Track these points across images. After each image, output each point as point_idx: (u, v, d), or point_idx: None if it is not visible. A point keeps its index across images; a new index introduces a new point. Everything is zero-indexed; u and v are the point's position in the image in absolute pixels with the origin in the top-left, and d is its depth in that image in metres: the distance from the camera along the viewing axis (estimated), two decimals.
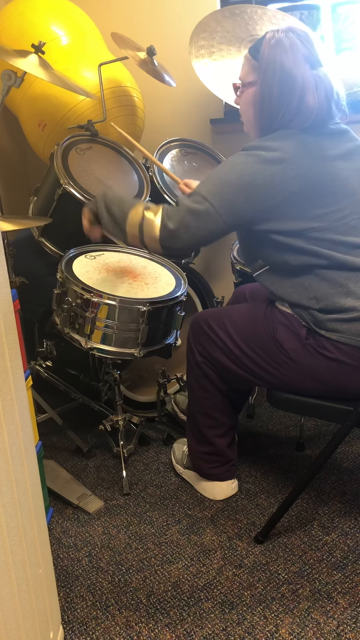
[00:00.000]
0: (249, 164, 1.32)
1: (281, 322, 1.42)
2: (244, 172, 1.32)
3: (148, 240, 1.41)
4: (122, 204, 1.46)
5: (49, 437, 2.10)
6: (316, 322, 1.37)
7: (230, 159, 1.37)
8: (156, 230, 1.38)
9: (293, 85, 1.32)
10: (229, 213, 1.34)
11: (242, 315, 1.51)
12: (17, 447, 0.96)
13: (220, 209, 1.33)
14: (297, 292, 1.38)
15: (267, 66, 1.35)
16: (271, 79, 1.34)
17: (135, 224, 1.41)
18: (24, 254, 2.04)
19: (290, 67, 1.32)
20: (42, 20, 2.09)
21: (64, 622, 1.30)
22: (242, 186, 1.32)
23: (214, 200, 1.33)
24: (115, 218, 1.45)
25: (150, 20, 2.50)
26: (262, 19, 2.05)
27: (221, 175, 1.35)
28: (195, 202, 1.35)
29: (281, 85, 1.33)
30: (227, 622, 1.27)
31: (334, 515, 1.60)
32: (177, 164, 2.12)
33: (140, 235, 1.41)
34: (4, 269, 0.93)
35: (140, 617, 1.30)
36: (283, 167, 1.30)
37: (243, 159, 1.34)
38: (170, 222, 1.37)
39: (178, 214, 1.36)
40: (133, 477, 1.84)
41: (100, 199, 1.49)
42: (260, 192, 1.32)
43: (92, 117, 2.05)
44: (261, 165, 1.31)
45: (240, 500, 1.69)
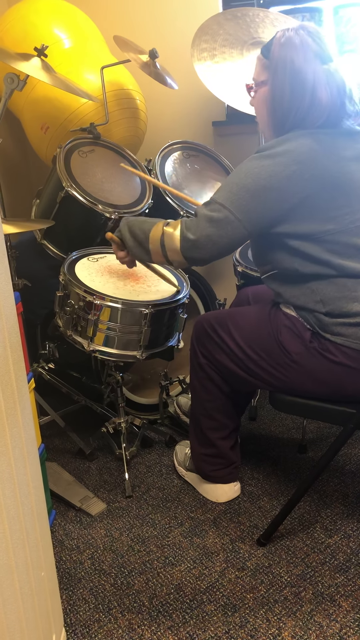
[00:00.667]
0: (264, 167, 1.31)
1: (285, 325, 1.42)
2: (259, 176, 1.31)
3: (170, 253, 1.40)
4: (143, 225, 1.46)
5: (51, 439, 2.11)
6: (321, 326, 1.37)
7: (244, 163, 1.36)
8: (177, 242, 1.38)
9: (304, 82, 1.31)
10: (248, 219, 1.33)
11: (246, 318, 1.51)
12: (20, 449, 0.97)
13: (239, 215, 1.33)
14: (304, 295, 1.38)
15: (278, 64, 1.34)
16: (282, 76, 1.34)
17: (157, 240, 1.41)
18: (27, 256, 2.05)
19: (300, 65, 1.31)
20: (44, 23, 2.10)
21: (67, 625, 1.30)
22: (259, 190, 1.31)
23: (232, 206, 1.32)
24: (139, 240, 1.45)
25: (152, 23, 2.51)
26: (264, 22, 2.05)
27: (237, 181, 1.34)
28: (214, 210, 1.34)
29: (292, 82, 1.32)
30: (229, 625, 1.27)
31: (337, 518, 1.59)
32: (179, 167, 2.12)
33: (162, 250, 1.41)
34: (7, 272, 0.93)
35: (143, 620, 1.30)
36: (299, 168, 1.29)
37: (258, 163, 1.32)
38: (189, 233, 1.36)
39: (197, 224, 1.36)
40: (135, 479, 1.84)
41: (124, 225, 1.50)
42: (277, 195, 1.30)
43: (95, 119, 2.05)
44: (276, 167, 1.30)
45: (242, 502, 1.69)
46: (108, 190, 1.91)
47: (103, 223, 1.86)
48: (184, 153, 2.18)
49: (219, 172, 2.19)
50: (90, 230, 1.90)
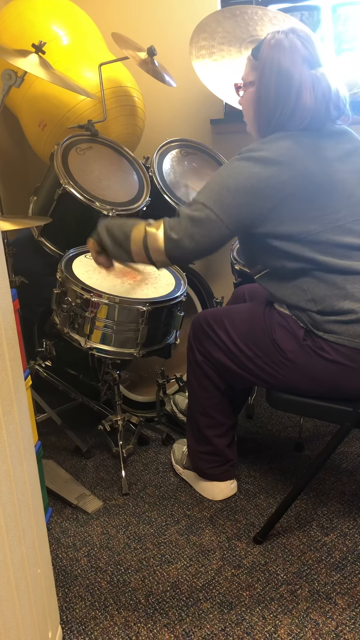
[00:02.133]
0: (245, 167, 1.33)
1: (279, 323, 1.42)
2: (240, 175, 1.32)
3: (154, 254, 1.40)
4: (122, 226, 1.45)
5: (48, 436, 2.10)
6: (314, 324, 1.37)
7: (226, 164, 1.37)
8: (160, 243, 1.38)
9: (290, 85, 1.33)
10: (229, 218, 1.34)
11: (242, 315, 1.51)
12: (17, 446, 0.96)
13: (221, 215, 1.33)
14: (296, 295, 1.39)
15: (265, 66, 1.36)
16: (268, 78, 1.35)
17: (139, 241, 1.41)
18: (24, 253, 2.04)
19: (287, 67, 1.33)
20: (42, 20, 2.09)
21: (63, 622, 1.30)
22: (240, 190, 1.32)
23: (213, 206, 1.33)
24: (118, 242, 1.45)
25: (150, 20, 2.50)
26: (263, 20, 2.05)
27: (219, 181, 1.35)
28: (196, 210, 1.35)
29: (278, 84, 1.34)
30: (225, 623, 1.27)
31: (333, 516, 1.60)
32: (177, 165, 2.12)
33: (145, 251, 1.41)
34: (4, 269, 0.93)
35: (139, 617, 1.30)
36: (279, 169, 1.30)
37: (239, 164, 1.34)
38: (173, 233, 1.36)
39: (180, 223, 1.36)
40: (132, 477, 1.84)
41: (101, 227, 1.49)
42: (258, 195, 1.32)
43: (92, 117, 2.05)
44: (257, 168, 1.31)
45: (239, 500, 1.69)
46: (105, 188, 1.91)
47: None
48: (182, 151, 2.17)
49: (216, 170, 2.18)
50: (87, 227, 1.89)
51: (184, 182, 2.08)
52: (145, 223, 1.43)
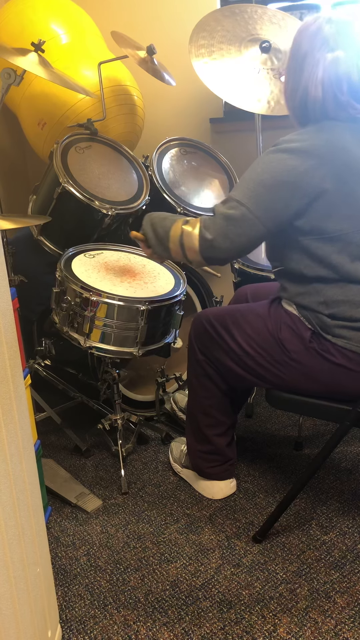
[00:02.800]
0: (282, 161, 1.28)
1: (286, 323, 1.42)
2: (277, 170, 1.28)
3: (189, 253, 1.38)
4: (164, 221, 1.43)
5: (47, 435, 2.10)
6: (323, 327, 1.36)
7: (261, 158, 1.33)
8: (195, 242, 1.35)
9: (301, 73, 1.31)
10: (267, 216, 1.30)
11: (245, 315, 1.51)
12: (16, 445, 0.96)
13: (257, 212, 1.30)
14: (309, 294, 1.37)
15: (291, 50, 1.34)
16: (292, 64, 1.34)
17: (176, 240, 1.39)
18: (23, 252, 2.04)
19: (304, 53, 1.30)
20: (41, 18, 2.09)
21: (62, 621, 1.30)
22: (276, 186, 1.28)
23: (249, 203, 1.30)
24: (159, 237, 1.43)
25: (150, 19, 2.50)
26: (262, 19, 2.05)
27: (254, 177, 1.31)
28: (231, 207, 1.31)
29: (295, 71, 1.32)
30: (225, 621, 1.27)
31: (332, 515, 1.60)
32: (176, 164, 2.12)
33: (181, 250, 1.39)
34: (3, 268, 0.93)
35: (139, 616, 1.30)
36: (317, 162, 1.26)
37: (274, 157, 1.30)
38: (207, 232, 1.33)
39: (215, 222, 1.33)
40: (131, 476, 1.84)
41: (146, 222, 1.47)
42: (295, 191, 1.28)
43: (92, 115, 2.05)
44: (294, 161, 1.27)
45: (238, 499, 1.69)
46: (105, 187, 1.91)
47: (100, 219, 1.85)
48: (181, 150, 2.17)
49: (216, 169, 2.19)
50: (87, 226, 1.90)
51: (183, 182, 2.08)
52: (183, 220, 1.40)
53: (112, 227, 1.95)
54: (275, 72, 1.98)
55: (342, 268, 1.32)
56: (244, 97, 1.94)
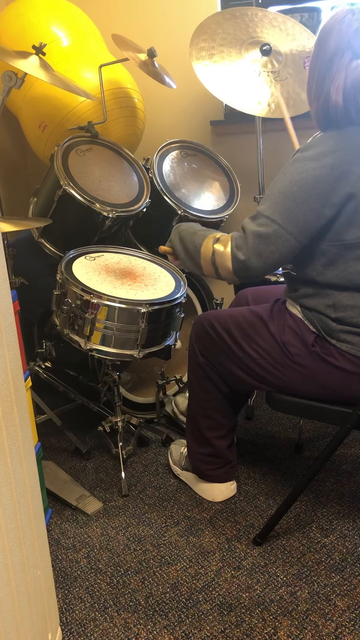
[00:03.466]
0: (310, 171, 1.24)
1: (289, 326, 1.42)
2: (306, 182, 1.24)
3: (223, 273, 1.35)
4: (193, 236, 1.41)
5: (48, 438, 2.10)
6: (328, 331, 1.36)
7: (288, 168, 1.28)
8: (228, 262, 1.32)
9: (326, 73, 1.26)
10: (299, 230, 1.26)
11: (247, 317, 1.50)
12: (16, 448, 0.96)
13: (289, 228, 1.26)
14: (318, 296, 1.36)
15: (317, 44, 1.28)
16: (316, 60, 1.29)
17: (208, 259, 1.36)
18: (24, 254, 2.05)
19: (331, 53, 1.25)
20: (42, 21, 2.10)
21: (63, 624, 1.29)
22: (307, 199, 1.24)
23: (280, 219, 1.26)
24: (190, 254, 1.41)
25: (151, 22, 2.50)
26: (263, 22, 2.05)
27: (283, 190, 1.26)
28: (261, 225, 1.27)
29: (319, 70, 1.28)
30: (225, 624, 1.27)
31: (333, 518, 1.60)
32: (177, 166, 2.12)
33: (214, 268, 1.36)
34: (4, 270, 0.93)
35: (139, 619, 1.30)
36: (345, 170, 1.23)
37: (302, 166, 1.25)
38: (240, 253, 1.29)
39: (246, 242, 1.29)
40: (132, 478, 1.84)
41: (175, 236, 1.46)
42: (327, 201, 1.24)
43: (93, 118, 2.05)
44: (323, 171, 1.23)
45: (239, 502, 1.69)
46: (106, 189, 1.91)
47: (100, 222, 1.86)
48: (182, 152, 2.18)
49: (216, 172, 2.19)
50: (87, 228, 1.90)
51: (183, 184, 2.08)
52: (213, 238, 1.37)
53: (113, 230, 1.95)
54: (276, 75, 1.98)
55: (357, 275, 1.30)
56: (244, 99, 1.94)
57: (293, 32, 2.08)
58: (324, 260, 1.32)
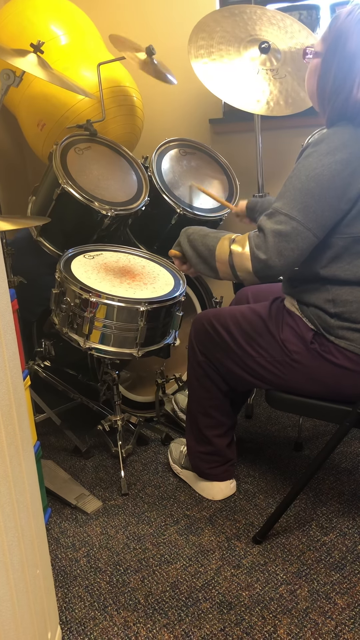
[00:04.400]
0: (326, 166, 1.24)
1: (287, 323, 1.41)
2: (323, 177, 1.24)
3: (242, 274, 1.34)
4: (205, 239, 1.39)
5: (47, 437, 2.10)
6: (326, 328, 1.36)
7: (302, 164, 1.27)
8: (248, 263, 1.30)
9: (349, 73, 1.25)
10: (318, 225, 1.26)
11: (246, 315, 1.50)
12: (15, 447, 0.96)
13: (308, 224, 1.25)
14: (317, 291, 1.36)
15: (333, 40, 1.27)
16: (332, 58, 1.28)
17: (225, 261, 1.35)
18: (23, 253, 2.04)
19: (352, 51, 1.24)
20: (41, 19, 2.09)
21: (62, 623, 1.29)
22: (324, 193, 1.24)
23: (299, 216, 1.25)
24: (203, 257, 1.39)
25: (149, 20, 2.50)
26: (262, 19, 2.05)
27: (299, 186, 1.26)
28: (280, 222, 1.26)
29: (338, 68, 1.27)
30: (225, 623, 1.27)
31: (332, 516, 1.60)
32: (176, 164, 2.12)
33: (232, 270, 1.34)
34: (3, 269, 0.93)
35: (139, 618, 1.30)
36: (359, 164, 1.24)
37: (317, 161, 1.25)
38: (260, 252, 1.28)
39: (266, 241, 1.27)
40: (131, 477, 1.83)
41: (184, 239, 1.44)
42: (343, 195, 1.25)
43: (91, 116, 2.05)
44: (339, 165, 1.23)
45: (238, 500, 1.69)
46: (104, 188, 1.91)
47: (99, 220, 1.85)
48: (181, 150, 2.17)
49: (215, 170, 2.18)
50: (86, 227, 1.90)
51: (182, 183, 2.08)
52: (228, 239, 1.35)
53: (112, 228, 1.95)
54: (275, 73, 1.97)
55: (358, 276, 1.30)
56: (243, 97, 1.94)
57: (292, 30, 2.08)
58: (330, 253, 1.32)
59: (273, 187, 2.45)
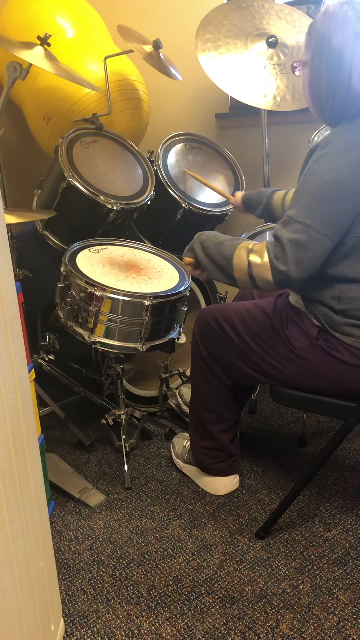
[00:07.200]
0: (338, 170, 1.23)
1: (292, 320, 1.41)
2: (336, 181, 1.23)
3: (262, 284, 1.32)
4: (220, 247, 1.37)
5: (51, 430, 2.11)
6: (331, 324, 1.35)
7: (313, 167, 1.26)
8: (268, 274, 1.28)
9: (341, 66, 1.24)
10: (334, 230, 1.25)
11: (251, 311, 1.50)
12: (20, 440, 0.96)
13: (324, 230, 1.24)
14: (322, 288, 1.35)
15: (317, 44, 1.27)
16: (319, 59, 1.26)
17: (244, 272, 1.32)
18: (28, 247, 2.04)
19: (339, 46, 1.23)
20: (48, 12, 2.08)
21: (65, 615, 1.30)
22: (339, 198, 1.23)
23: (315, 223, 1.24)
24: (219, 266, 1.37)
25: (156, 13, 2.49)
26: (269, 13, 2.04)
27: (313, 192, 1.24)
28: (296, 231, 1.25)
29: (329, 66, 1.26)
30: (227, 617, 1.27)
31: (336, 512, 1.60)
32: (181, 159, 2.11)
33: (251, 280, 1.32)
34: (8, 262, 0.93)
35: (141, 611, 1.30)
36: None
37: (328, 166, 1.24)
38: (279, 264, 1.26)
39: (284, 251, 1.25)
40: (135, 471, 1.84)
41: (197, 247, 1.42)
42: (356, 199, 1.24)
43: (97, 110, 2.04)
44: (350, 167, 1.22)
45: (241, 495, 1.69)
46: (110, 181, 1.90)
47: (105, 214, 1.85)
48: (187, 145, 2.17)
49: (221, 165, 2.18)
50: (91, 221, 1.90)
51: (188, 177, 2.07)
52: (245, 249, 1.33)
53: (117, 222, 1.95)
54: (282, 68, 1.97)
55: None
56: (250, 92, 1.93)
57: (300, 25, 2.06)
58: (339, 252, 1.31)
59: (279, 181, 2.44)
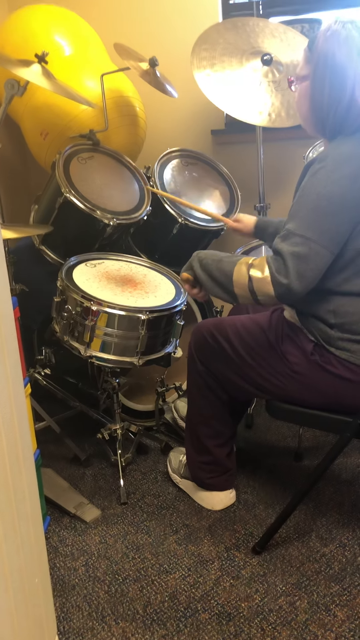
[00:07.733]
0: (336, 183, 1.25)
1: (288, 335, 1.41)
2: (334, 195, 1.24)
3: (263, 298, 1.32)
4: (220, 264, 1.38)
5: (47, 445, 2.10)
6: (326, 339, 1.36)
7: (312, 181, 1.28)
8: (270, 289, 1.28)
9: (344, 82, 1.26)
10: (334, 243, 1.27)
11: (246, 325, 1.50)
12: (15, 454, 0.96)
13: (324, 242, 1.25)
14: (318, 302, 1.35)
15: (319, 59, 1.28)
16: (322, 73, 1.28)
17: (244, 287, 1.33)
18: (25, 261, 2.05)
19: (342, 62, 1.26)
20: (45, 30, 2.11)
21: (60, 632, 1.29)
22: (337, 211, 1.25)
23: (314, 236, 1.25)
24: (218, 282, 1.38)
25: (152, 31, 2.52)
26: (264, 32, 2.07)
27: (312, 205, 1.26)
28: (296, 244, 1.25)
29: (332, 81, 1.27)
30: (224, 634, 1.26)
31: (332, 527, 1.59)
32: (177, 175, 2.13)
33: (252, 295, 1.33)
34: (5, 277, 0.93)
35: (137, 628, 1.29)
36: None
37: (326, 179, 1.26)
38: (281, 277, 1.26)
39: (285, 265, 1.26)
40: (130, 486, 1.83)
41: (196, 264, 1.42)
42: (357, 212, 1.26)
43: (94, 126, 2.06)
44: (347, 181, 1.24)
45: (238, 510, 1.68)
46: (107, 197, 1.92)
47: (101, 229, 1.86)
48: (183, 161, 2.19)
49: (217, 180, 2.20)
50: (88, 236, 1.91)
51: (184, 192, 2.09)
52: (245, 264, 1.33)
53: (114, 237, 1.96)
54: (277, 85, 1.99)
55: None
56: (245, 109, 1.95)
57: (294, 43, 2.10)
58: (336, 265, 1.31)
59: (274, 198, 2.46)
